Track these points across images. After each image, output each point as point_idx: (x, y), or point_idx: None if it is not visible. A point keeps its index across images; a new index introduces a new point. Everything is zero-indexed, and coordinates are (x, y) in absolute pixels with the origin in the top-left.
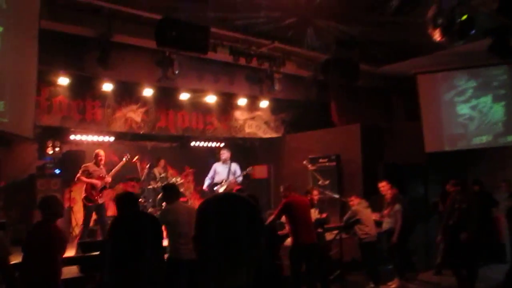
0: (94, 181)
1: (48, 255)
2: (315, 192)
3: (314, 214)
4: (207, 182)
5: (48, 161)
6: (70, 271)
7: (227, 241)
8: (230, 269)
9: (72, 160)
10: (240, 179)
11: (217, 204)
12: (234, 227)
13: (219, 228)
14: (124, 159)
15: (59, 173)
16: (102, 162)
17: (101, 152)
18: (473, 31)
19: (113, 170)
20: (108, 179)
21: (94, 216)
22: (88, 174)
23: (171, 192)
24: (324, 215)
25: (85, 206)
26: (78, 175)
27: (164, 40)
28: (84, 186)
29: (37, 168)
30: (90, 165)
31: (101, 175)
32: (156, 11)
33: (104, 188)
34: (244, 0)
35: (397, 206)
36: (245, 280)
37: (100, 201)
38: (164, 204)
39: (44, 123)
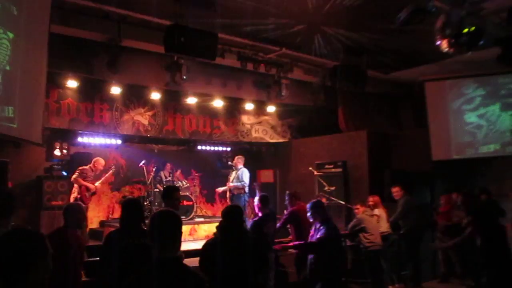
0: (89, 184)
1: (64, 262)
2: (322, 200)
3: None
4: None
5: (55, 163)
6: None
7: None
8: None
9: (80, 162)
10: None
11: None
12: None
13: None
14: (111, 170)
15: (66, 175)
16: (99, 171)
17: (102, 161)
18: (482, 42)
19: (102, 179)
20: (99, 185)
21: None
22: (84, 177)
23: None
24: None
25: None
26: (75, 176)
27: (173, 46)
28: (77, 188)
29: (44, 170)
30: (87, 169)
31: (93, 180)
32: (164, 16)
33: (93, 193)
34: (252, 7)
35: (376, 211)
36: None
37: (88, 204)
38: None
39: (53, 125)
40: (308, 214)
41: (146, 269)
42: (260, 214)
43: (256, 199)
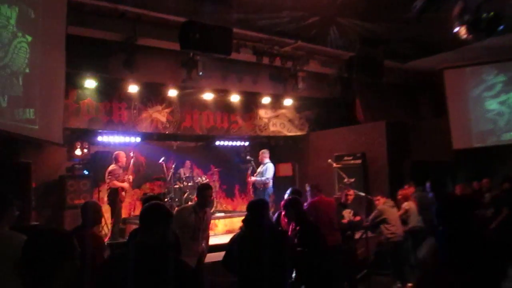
0: (124, 184)
1: (82, 262)
2: (350, 192)
3: (349, 215)
4: None
5: (77, 162)
6: None
7: None
8: None
9: (100, 161)
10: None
11: None
12: None
13: None
14: (132, 159)
15: (88, 174)
16: (124, 163)
17: (122, 154)
18: (501, 27)
19: (129, 171)
20: (130, 178)
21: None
22: (117, 177)
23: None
24: (357, 218)
25: (117, 207)
26: (111, 180)
27: (188, 42)
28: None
29: (66, 169)
30: (116, 169)
31: (124, 176)
32: (179, 14)
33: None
34: (267, 0)
35: (405, 205)
36: None
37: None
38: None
39: (73, 125)
40: (283, 213)
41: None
42: None
43: (287, 193)
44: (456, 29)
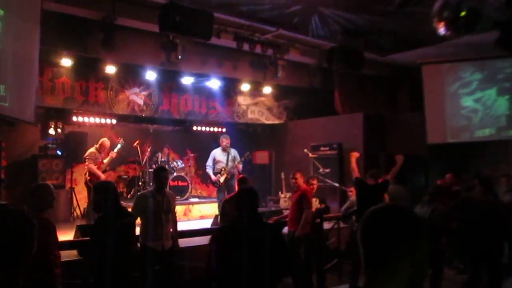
0: (101, 175)
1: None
2: (314, 181)
3: (315, 203)
4: (210, 170)
5: (50, 141)
6: (69, 254)
7: None
8: None
9: (75, 142)
10: (240, 166)
11: None
12: None
13: None
14: (117, 147)
15: (61, 154)
16: (106, 150)
17: (107, 143)
18: (479, 25)
19: (108, 158)
20: (106, 162)
21: None
22: (95, 160)
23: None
24: (322, 206)
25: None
26: (89, 164)
27: (168, 25)
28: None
29: (39, 149)
30: (95, 152)
31: (100, 160)
32: None
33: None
34: None
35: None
36: None
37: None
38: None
39: (47, 103)
40: None
41: None
42: None
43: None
44: (435, 25)
